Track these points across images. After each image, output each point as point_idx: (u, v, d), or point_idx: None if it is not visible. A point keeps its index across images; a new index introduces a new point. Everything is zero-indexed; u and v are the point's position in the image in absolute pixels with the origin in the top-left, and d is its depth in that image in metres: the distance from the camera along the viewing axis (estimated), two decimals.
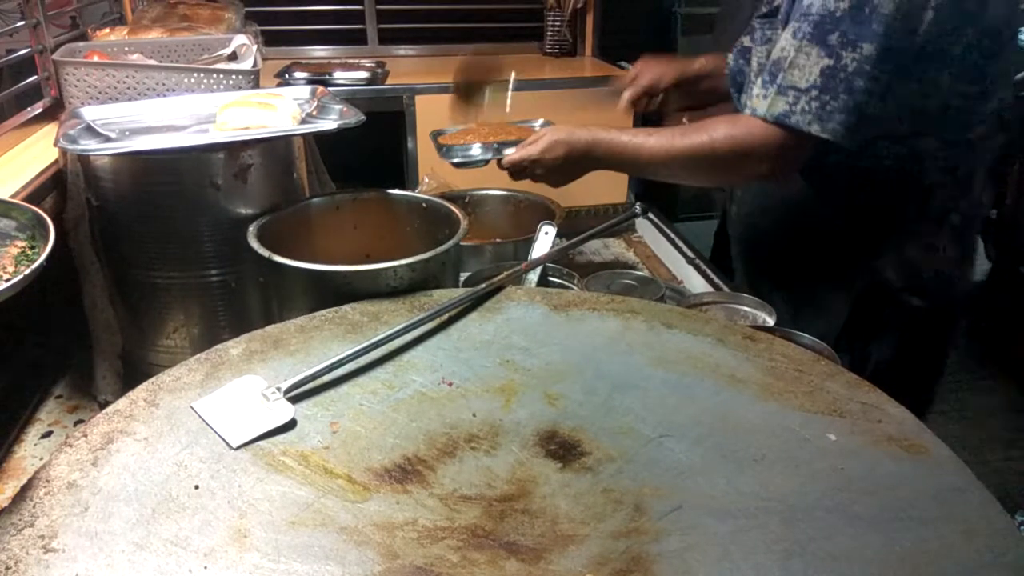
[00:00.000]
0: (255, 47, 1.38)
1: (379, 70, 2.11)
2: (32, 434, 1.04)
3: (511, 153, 1.21)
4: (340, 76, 2.05)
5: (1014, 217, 3.02)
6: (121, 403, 0.71)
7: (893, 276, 1.16)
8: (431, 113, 1.97)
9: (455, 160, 1.28)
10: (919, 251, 1.14)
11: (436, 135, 1.34)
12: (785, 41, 0.98)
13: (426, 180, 1.69)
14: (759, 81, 1.02)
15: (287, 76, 2.03)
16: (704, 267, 1.42)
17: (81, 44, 1.37)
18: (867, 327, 1.19)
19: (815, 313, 1.18)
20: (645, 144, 1.10)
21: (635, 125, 1.53)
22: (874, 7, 0.91)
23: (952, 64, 0.99)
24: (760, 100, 1.01)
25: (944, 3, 0.94)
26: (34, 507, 0.59)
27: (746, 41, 1.19)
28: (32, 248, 0.72)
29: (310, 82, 1.90)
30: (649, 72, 1.39)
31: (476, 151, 1.26)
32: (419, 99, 1.97)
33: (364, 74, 2.06)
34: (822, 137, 0.96)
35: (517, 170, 1.21)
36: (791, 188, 1.17)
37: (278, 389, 0.72)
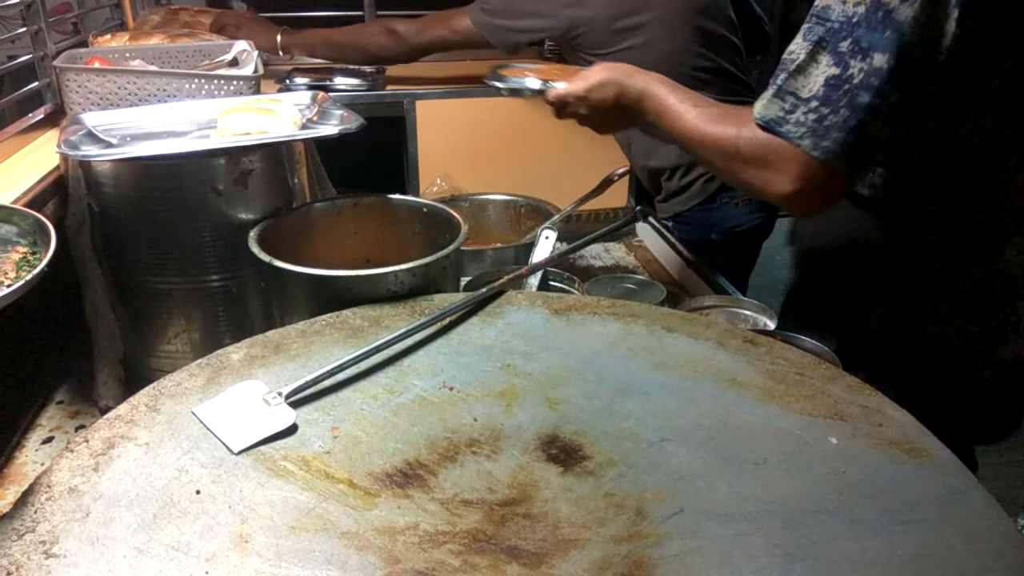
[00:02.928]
0: (256, 53, 1.38)
1: (379, 76, 2.12)
2: (33, 439, 1.04)
3: (557, 87, 1.11)
4: (340, 81, 2.05)
5: None
6: (122, 408, 0.71)
7: (878, 327, 1.07)
8: (432, 118, 1.97)
9: (502, 86, 1.22)
10: (910, 311, 1.02)
11: (497, 68, 1.29)
12: (795, 43, 0.87)
13: (439, 182, 1.69)
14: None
15: (288, 81, 2.03)
16: (705, 271, 1.42)
17: (82, 50, 1.37)
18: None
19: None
20: (681, 118, 0.97)
21: None
22: (888, 12, 0.79)
23: (984, 97, 0.86)
24: (758, 101, 0.89)
25: (970, 19, 0.80)
26: (35, 512, 0.59)
27: None
28: (33, 254, 0.72)
29: (311, 87, 1.90)
30: None
31: (528, 83, 1.19)
32: (419, 104, 1.97)
33: (364, 80, 2.07)
34: (812, 156, 0.84)
35: (560, 106, 1.11)
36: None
37: (279, 394, 0.72)
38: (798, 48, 0.86)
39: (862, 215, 1.03)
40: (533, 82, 1.17)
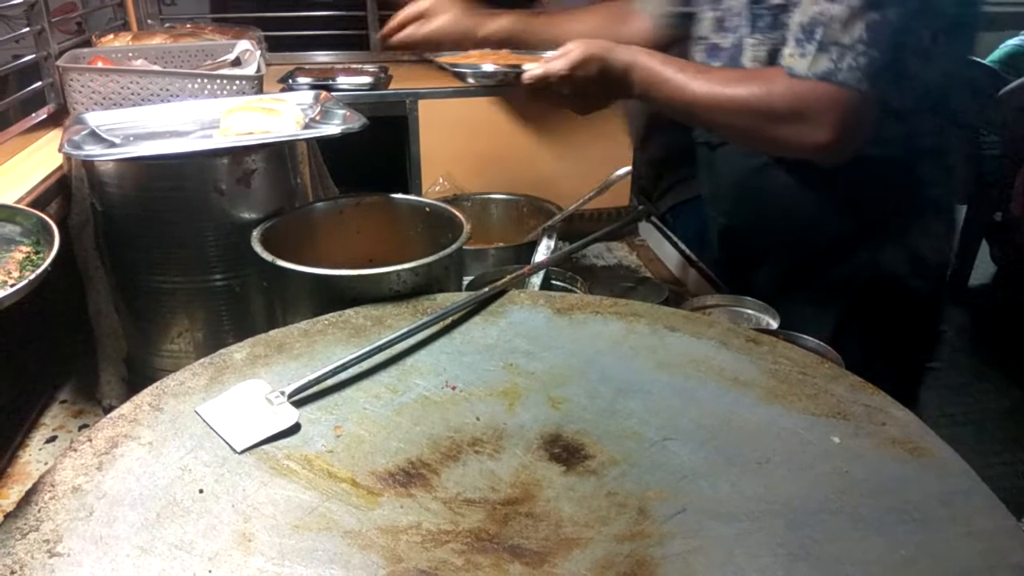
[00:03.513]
0: (258, 53, 1.38)
1: (382, 75, 2.12)
2: (37, 439, 1.04)
3: (533, 68, 1.04)
4: (343, 81, 2.05)
5: (1020, 221, 3.02)
6: (125, 408, 0.71)
7: (894, 263, 1.13)
8: (434, 118, 1.97)
9: (470, 72, 1.12)
10: (918, 236, 1.12)
11: (437, 58, 1.22)
12: (816, 2, 0.91)
13: (441, 181, 1.69)
14: (791, 43, 0.94)
15: (291, 81, 2.03)
16: (707, 270, 1.42)
17: (85, 50, 1.37)
18: (864, 320, 1.16)
19: (807, 314, 1.11)
20: (688, 86, 0.98)
21: None
22: None
23: (958, 30, 0.95)
24: (797, 59, 0.92)
25: None
26: (39, 511, 0.59)
27: (716, 38, 1.12)
28: (37, 253, 0.73)
29: (313, 87, 1.90)
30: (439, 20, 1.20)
31: (488, 67, 1.12)
32: (422, 104, 1.97)
33: (367, 79, 2.07)
34: (868, 96, 0.89)
35: (539, 87, 1.04)
36: (774, 179, 1.12)
37: (282, 393, 0.72)
38: (825, 6, 0.90)
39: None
40: (493, 67, 1.10)
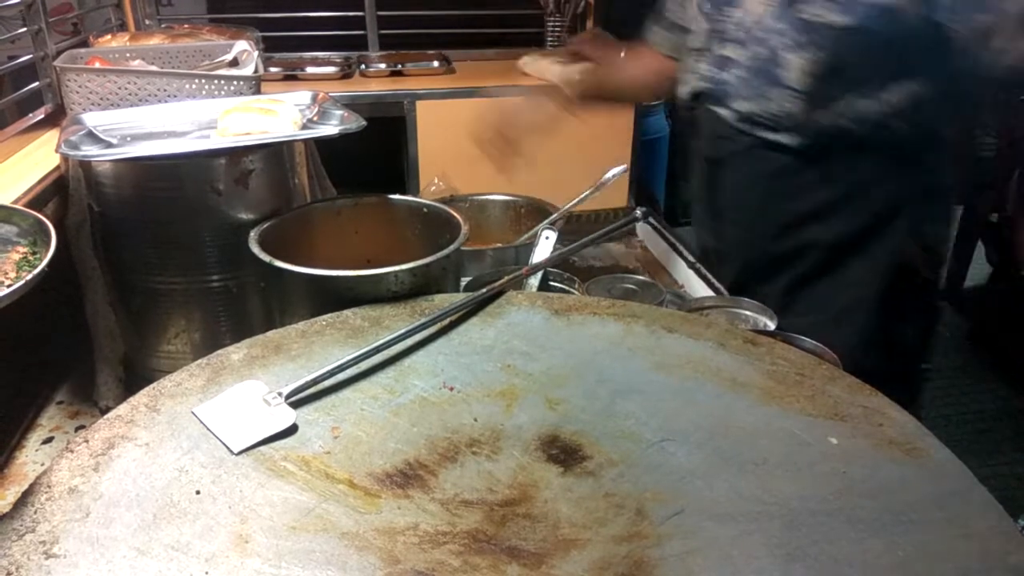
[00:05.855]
0: (256, 53, 1.38)
1: (348, 66, 2.13)
2: (33, 440, 1.04)
3: None
4: (312, 71, 2.06)
5: (1016, 222, 3.03)
6: (122, 409, 0.71)
7: (912, 254, 1.18)
8: (432, 118, 1.97)
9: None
10: (926, 223, 1.17)
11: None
12: None
13: (436, 181, 1.70)
14: None
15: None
16: (705, 271, 1.42)
17: (83, 50, 1.37)
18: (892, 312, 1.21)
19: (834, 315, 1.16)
20: None
21: None
22: None
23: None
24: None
25: None
26: (35, 513, 0.59)
27: (725, 51, 1.23)
28: (34, 254, 0.72)
29: (285, 77, 1.90)
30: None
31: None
32: (420, 104, 1.98)
33: (333, 68, 2.07)
34: None
35: None
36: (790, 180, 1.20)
37: (279, 394, 0.72)
38: None
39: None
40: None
